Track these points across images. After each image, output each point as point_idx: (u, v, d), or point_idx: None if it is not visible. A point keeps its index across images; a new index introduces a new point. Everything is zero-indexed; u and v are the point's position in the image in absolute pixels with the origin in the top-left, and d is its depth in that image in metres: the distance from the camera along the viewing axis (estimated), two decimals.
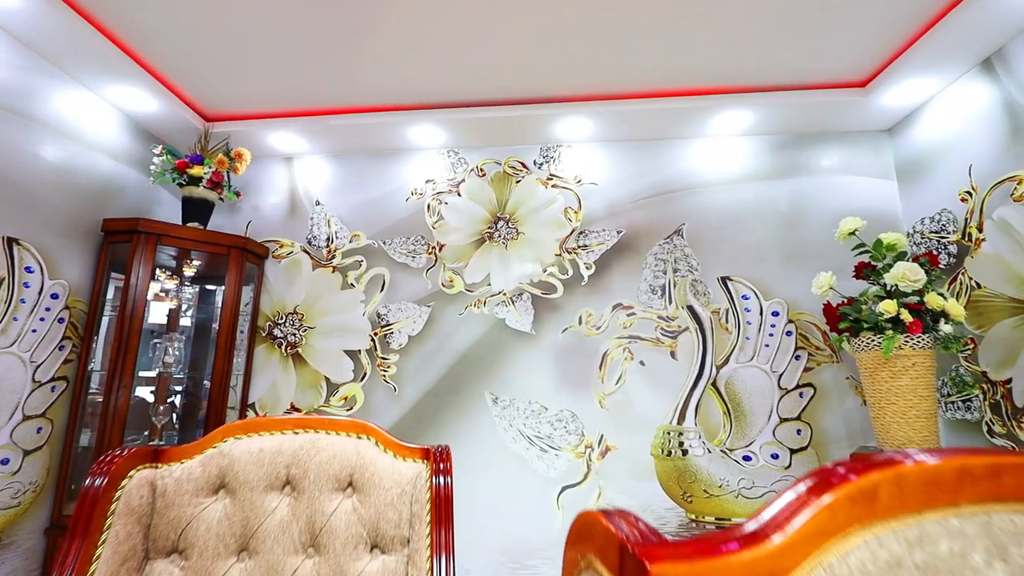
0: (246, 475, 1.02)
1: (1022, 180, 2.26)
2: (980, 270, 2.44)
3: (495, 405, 2.83)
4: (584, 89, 2.79)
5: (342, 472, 1.05)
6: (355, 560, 1.00)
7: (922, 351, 2.13)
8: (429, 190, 3.16)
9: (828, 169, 2.98)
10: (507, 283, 2.97)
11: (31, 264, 2.37)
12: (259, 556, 0.99)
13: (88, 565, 0.86)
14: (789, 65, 2.59)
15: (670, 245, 2.93)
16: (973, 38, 2.31)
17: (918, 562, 0.46)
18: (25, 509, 2.35)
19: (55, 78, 2.52)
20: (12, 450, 2.29)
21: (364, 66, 2.61)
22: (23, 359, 2.34)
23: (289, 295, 3.09)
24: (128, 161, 2.93)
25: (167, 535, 0.98)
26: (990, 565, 0.48)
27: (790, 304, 2.80)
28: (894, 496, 0.45)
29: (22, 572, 2.34)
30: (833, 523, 0.44)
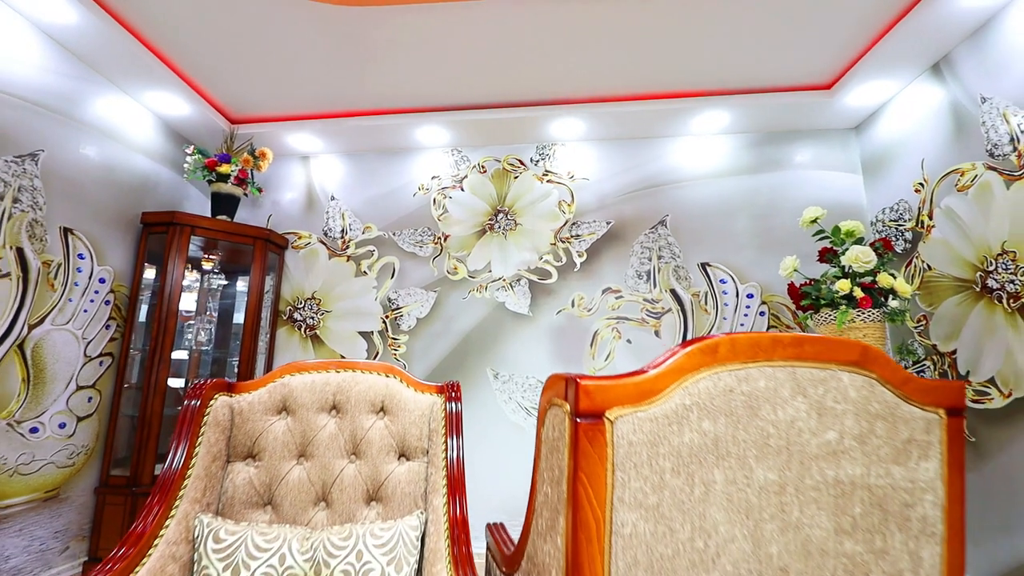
0: (302, 400, 1.34)
1: (964, 172, 2.57)
2: (931, 254, 2.75)
3: (496, 380, 3.15)
4: (576, 92, 3.10)
5: (375, 399, 1.37)
6: (387, 464, 1.32)
7: (872, 323, 2.43)
8: (435, 185, 3.48)
9: (800, 164, 3.29)
10: (506, 270, 3.29)
11: (83, 251, 2.70)
12: (314, 459, 1.30)
13: (190, 459, 1.17)
14: (761, 70, 2.90)
15: (655, 234, 3.25)
16: (922, 44, 2.62)
17: (744, 391, 0.77)
18: (78, 469, 2.68)
19: (101, 85, 2.85)
20: (68, 416, 2.61)
21: (375, 73, 2.93)
22: (76, 335, 2.67)
23: (307, 282, 3.41)
24: (162, 160, 3.26)
25: (244, 443, 1.29)
26: (794, 398, 0.79)
27: (763, 287, 3.11)
28: (729, 351, 0.77)
29: (75, 525, 2.67)
30: (690, 364, 0.76)
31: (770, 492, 0.77)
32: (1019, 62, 2.28)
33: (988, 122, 2.44)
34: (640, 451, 0.74)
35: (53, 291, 2.55)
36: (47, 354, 2.52)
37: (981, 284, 2.45)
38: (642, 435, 0.74)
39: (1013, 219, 2.30)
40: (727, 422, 0.76)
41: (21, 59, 2.43)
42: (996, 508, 2.35)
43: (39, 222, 2.49)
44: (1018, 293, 2.27)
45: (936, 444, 0.84)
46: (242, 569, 1.08)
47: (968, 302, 2.52)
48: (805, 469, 0.79)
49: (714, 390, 0.76)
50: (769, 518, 0.77)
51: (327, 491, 1.29)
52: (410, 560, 1.14)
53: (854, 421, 0.81)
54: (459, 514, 1.15)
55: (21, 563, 2.39)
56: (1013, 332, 2.29)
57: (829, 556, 0.79)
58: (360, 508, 1.29)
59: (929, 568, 0.83)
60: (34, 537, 2.46)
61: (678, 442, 0.75)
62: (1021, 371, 2.25)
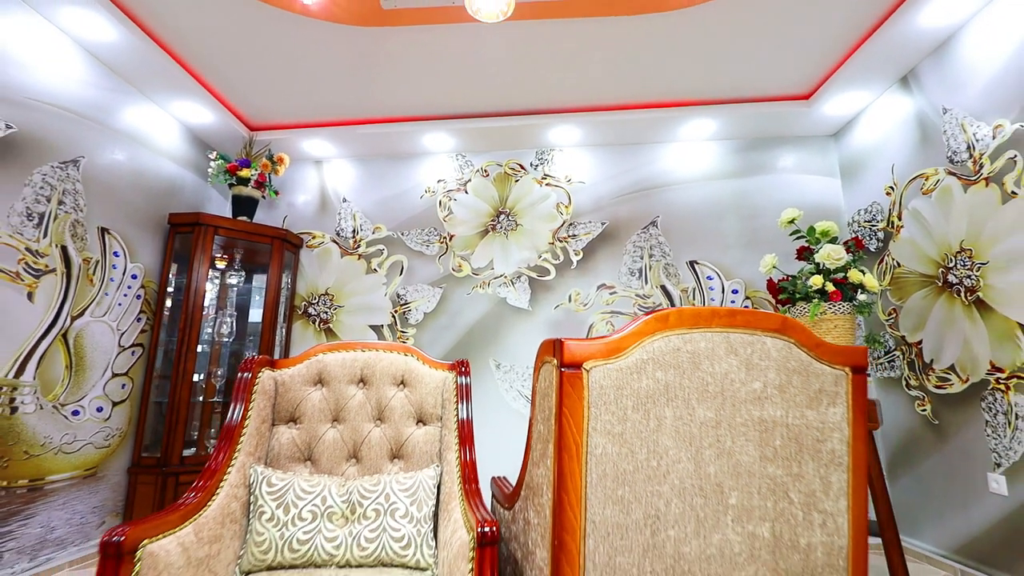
0: (335, 374, 1.59)
1: (928, 177, 2.83)
2: (900, 252, 3.01)
3: (498, 370, 3.41)
4: (573, 102, 3.36)
5: (397, 374, 1.62)
6: (407, 427, 1.57)
7: (842, 315, 2.69)
8: (440, 188, 3.75)
9: (783, 169, 3.55)
10: (508, 267, 3.55)
11: (118, 250, 2.97)
12: (346, 423, 1.56)
13: (245, 419, 1.43)
14: (745, 81, 3.17)
15: (646, 234, 3.51)
16: (890, 59, 2.88)
17: (688, 350, 1.03)
18: (113, 450, 2.94)
19: (132, 96, 3.12)
20: (104, 400, 2.88)
21: (385, 84, 3.20)
22: (112, 327, 2.93)
23: (321, 279, 3.67)
24: (186, 164, 3.53)
25: (287, 409, 1.55)
26: (727, 356, 1.05)
27: (747, 283, 3.37)
28: (677, 319, 1.03)
29: (111, 502, 2.93)
30: (647, 329, 1.02)
31: (708, 426, 1.03)
32: (975, 77, 2.54)
33: (949, 131, 2.70)
34: (609, 393, 0.99)
35: (92, 286, 2.81)
36: (87, 343, 2.78)
37: (943, 279, 2.71)
38: (610, 381, 1.00)
39: (970, 220, 2.56)
40: (675, 372, 1.02)
41: (65, 74, 2.70)
42: (956, 485, 2.60)
43: (80, 222, 2.75)
44: (974, 287, 2.52)
45: (843, 394, 1.10)
46: (291, 507, 1.33)
47: (932, 296, 2.77)
48: (736, 410, 1.04)
49: (665, 348, 1.02)
50: (707, 446, 1.02)
51: (357, 449, 1.55)
52: (428, 502, 1.39)
53: (775, 374, 1.07)
54: (469, 459, 1.40)
55: (64, 534, 2.65)
56: (970, 323, 2.54)
57: (755, 477, 1.04)
58: (385, 463, 1.54)
59: (836, 490, 1.08)
60: (75, 511, 2.72)
61: (637, 386, 1.00)
62: (977, 358, 2.50)
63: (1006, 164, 2.37)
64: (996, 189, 2.42)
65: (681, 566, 0.99)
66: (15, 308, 2.41)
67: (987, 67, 2.48)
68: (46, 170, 2.58)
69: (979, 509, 2.47)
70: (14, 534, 2.41)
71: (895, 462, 3.05)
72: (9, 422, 2.39)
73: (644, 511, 0.98)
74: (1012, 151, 2.35)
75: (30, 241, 2.49)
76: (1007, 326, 2.35)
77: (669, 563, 0.98)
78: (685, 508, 1.00)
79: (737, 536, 1.02)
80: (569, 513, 0.96)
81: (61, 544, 2.63)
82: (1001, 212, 2.39)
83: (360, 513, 1.36)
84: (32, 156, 2.52)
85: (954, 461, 2.63)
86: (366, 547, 1.32)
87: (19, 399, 2.44)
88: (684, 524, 1.00)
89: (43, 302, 2.55)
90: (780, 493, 1.04)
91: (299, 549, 1.30)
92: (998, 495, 2.37)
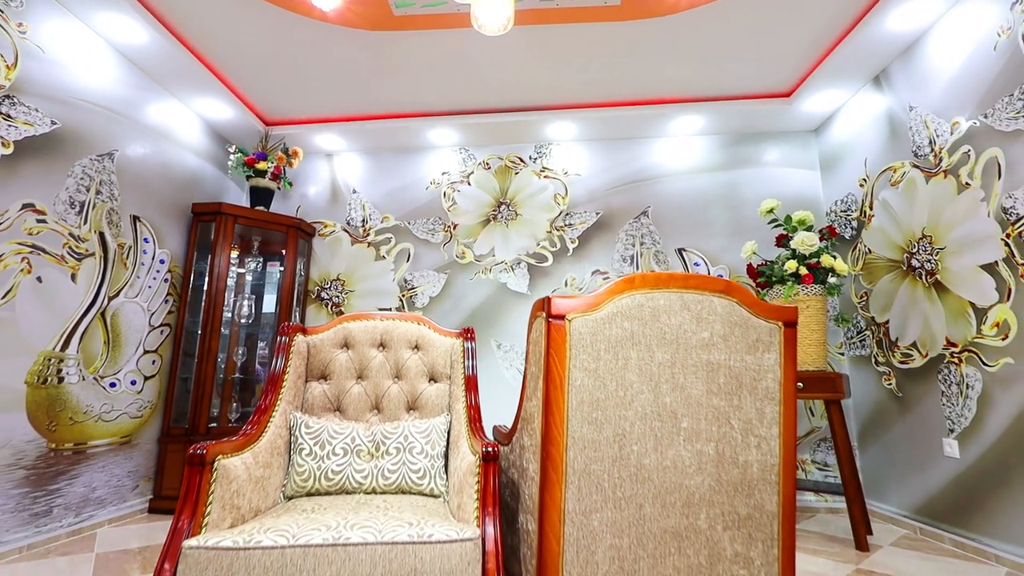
0: (359, 338, 1.87)
1: (896, 169, 3.10)
2: (871, 239, 3.29)
3: (499, 350, 3.70)
4: (569, 99, 3.63)
5: (411, 339, 1.90)
6: (421, 384, 1.86)
7: (814, 297, 2.97)
8: (445, 180, 4.02)
9: (766, 162, 3.82)
10: (508, 254, 3.84)
11: (147, 236, 3.26)
12: (369, 380, 1.84)
13: (285, 373, 1.71)
14: (730, 80, 3.43)
15: (638, 223, 3.79)
16: (863, 60, 3.15)
17: (650, 306, 1.31)
18: (145, 421, 3.23)
19: (158, 93, 3.40)
20: (137, 375, 3.17)
21: (393, 83, 3.47)
22: (143, 307, 3.22)
23: (333, 265, 3.96)
24: (206, 157, 3.81)
25: (318, 367, 1.83)
26: (681, 311, 1.33)
27: (731, 269, 3.65)
28: (641, 282, 1.31)
29: (143, 468, 3.23)
30: (617, 289, 1.30)
31: (665, 366, 1.31)
32: (938, 77, 2.81)
33: (914, 127, 2.97)
34: (586, 338, 1.28)
35: (126, 269, 3.10)
36: (122, 322, 3.07)
37: (907, 264, 2.99)
38: (588, 329, 1.28)
39: (931, 209, 2.84)
40: (639, 323, 1.30)
41: (100, 74, 2.98)
42: (916, 451, 2.90)
43: (115, 211, 3.04)
44: (933, 270, 2.80)
45: (776, 343, 1.38)
46: (326, 445, 1.62)
47: (898, 279, 3.06)
48: (687, 354, 1.32)
49: (631, 304, 1.30)
50: (664, 381, 1.31)
51: (379, 401, 1.83)
52: (440, 443, 1.67)
53: (720, 326, 1.35)
54: (474, 403, 1.68)
55: (104, 494, 2.95)
56: (929, 303, 2.83)
57: (703, 407, 1.33)
58: (403, 413, 1.82)
59: (769, 419, 1.37)
60: (113, 474, 3.02)
61: (609, 334, 1.29)
62: (935, 335, 2.79)
63: (961, 158, 2.65)
64: (952, 180, 2.70)
65: (642, 474, 1.27)
66: (61, 288, 2.70)
67: (948, 68, 2.75)
68: (85, 162, 2.87)
69: (935, 472, 2.76)
70: (62, 492, 2.71)
71: (864, 433, 3.34)
72: (57, 390, 2.69)
73: (613, 430, 1.26)
74: (967, 146, 2.62)
75: (73, 227, 2.78)
76: (960, 305, 2.63)
77: (632, 471, 1.27)
78: (646, 429, 1.28)
79: (688, 452, 1.30)
80: (555, 431, 1.24)
81: (101, 503, 2.93)
82: (956, 201, 2.67)
83: (383, 450, 1.65)
84: (73, 150, 2.80)
85: (915, 429, 2.92)
86: (389, 477, 1.60)
87: (65, 370, 2.74)
88: (645, 441, 1.28)
89: (84, 283, 2.83)
90: (723, 420, 1.33)
91: (333, 478, 1.59)
92: (952, 458, 2.66)
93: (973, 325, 2.55)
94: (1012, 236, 2.36)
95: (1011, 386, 2.35)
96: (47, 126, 2.66)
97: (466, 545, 1.16)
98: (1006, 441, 2.37)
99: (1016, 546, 2.30)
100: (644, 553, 1.26)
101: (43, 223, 2.62)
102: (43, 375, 2.62)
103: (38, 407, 2.59)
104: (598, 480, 1.25)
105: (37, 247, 2.58)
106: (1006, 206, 2.39)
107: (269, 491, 1.49)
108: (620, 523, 1.25)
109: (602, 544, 1.24)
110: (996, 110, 2.45)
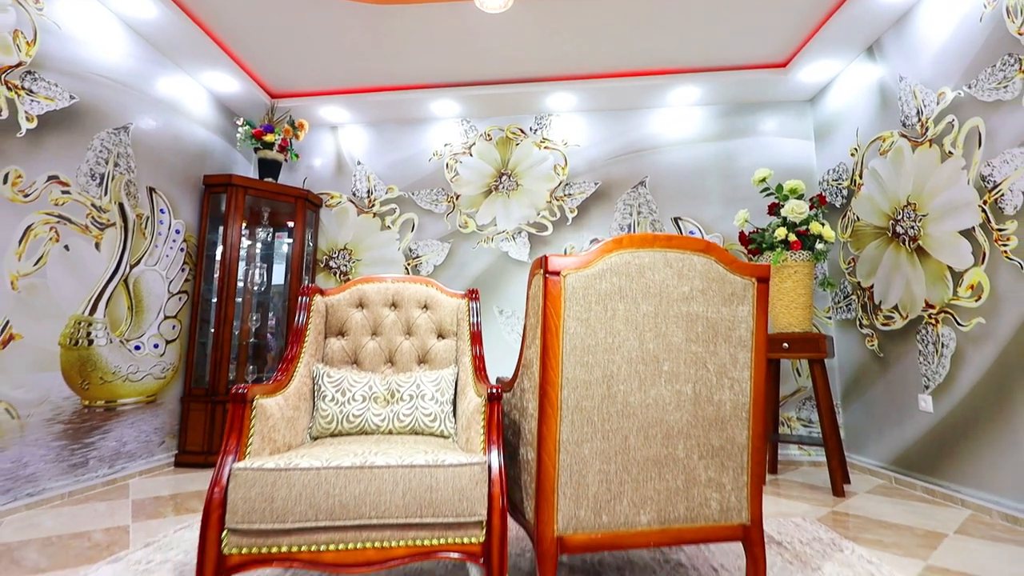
0: (373, 299, 2.05)
1: (885, 139, 3.22)
2: (860, 207, 3.43)
3: (501, 316, 3.89)
4: (569, 70, 3.73)
5: (421, 299, 2.08)
6: (430, 340, 2.04)
7: (801, 263, 3.14)
8: (447, 151, 4.15)
9: (762, 132, 3.93)
10: (509, 224, 3.99)
11: (163, 207, 3.41)
12: (382, 336, 2.03)
13: (306, 328, 1.90)
14: (727, 50, 3.52)
15: (636, 193, 3.92)
16: (856, 30, 3.23)
17: (636, 263, 1.48)
18: (168, 382, 3.45)
19: (168, 67, 3.51)
20: (159, 339, 3.37)
21: (396, 55, 3.56)
22: (162, 275, 3.40)
23: (340, 235, 4.12)
24: (215, 130, 3.94)
25: (336, 325, 2.02)
26: (664, 268, 1.51)
27: (725, 237, 3.80)
28: (628, 242, 1.48)
29: (168, 425, 3.47)
30: (607, 249, 1.47)
31: (649, 317, 1.49)
32: (927, 48, 2.91)
33: (903, 97, 3.08)
34: (579, 292, 1.45)
35: (144, 239, 3.27)
36: (143, 288, 3.26)
37: (892, 231, 3.14)
38: (580, 283, 1.45)
39: (916, 177, 2.97)
40: (626, 279, 1.47)
41: (112, 48, 3.09)
42: (894, 407, 3.10)
43: (132, 182, 3.19)
44: (916, 236, 2.96)
45: (749, 297, 1.56)
46: (346, 391, 1.81)
47: (883, 246, 3.21)
48: (669, 306, 1.50)
49: (619, 262, 1.47)
50: (648, 330, 1.49)
51: (392, 355, 2.02)
52: (448, 391, 1.87)
53: (699, 281, 1.52)
54: (479, 354, 1.87)
55: (134, 448, 3.19)
56: (911, 268, 2.99)
57: (682, 352, 1.51)
58: (414, 366, 2.01)
59: (742, 364, 1.55)
60: (141, 430, 3.25)
61: (599, 288, 1.46)
62: (915, 298, 2.96)
63: (945, 127, 2.77)
64: (937, 149, 2.83)
65: (627, 410, 1.46)
66: (86, 256, 2.88)
67: (937, 39, 2.84)
68: (103, 135, 3.01)
69: (911, 425, 2.97)
70: (96, 445, 2.94)
71: (848, 392, 3.55)
72: (88, 352, 2.89)
73: (602, 372, 1.45)
74: (951, 115, 2.74)
75: (94, 198, 2.94)
76: (939, 268, 2.79)
77: (619, 407, 1.46)
78: (631, 371, 1.47)
79: (668, 392, 1.49)
80: (551, 373, 1.43)
81: (132, 457, 3.17)
82: (940, 170, 2.80)
83: (398, 397, 1.84)
84: (91, 123, 2.94)
85: (893, 387, 3.12)
86: (403, 420, 1.80)
87: (94, 333, 2.94)
88: (630, 382, 1.47)
89: (107, 251, 3.01)
90: (700, 364, 1.51)
91: (354, 421, 1.79)
92: (926, 412, 2.87)
93: (950, 288, 2.72)
94: (989, 203, 2.50)
95: (982, 344, 2.53)
96: (66, 100, 2.79)
97: (474, 468, 1.36)
98: (975, 395, 2.57)
99: (979, 490, 2.52)
100: (628, 477, 1.46)
101: (67, 194, 2.78)
102: (74, 337, 2.82)
103: (71, 367, 2.80)
104: (589, 415, 1.44)
105: (63, 217, 2.75)
106: (984, 174, 2.53)
107: (298, 431, 1.69)
108: (608, 452, 1.45)
109: (592, 469, 1.44)
110: (979, 80, 2.57)
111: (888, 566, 1.88)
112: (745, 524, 1.52)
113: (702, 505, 1.50)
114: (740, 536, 1.51)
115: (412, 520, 1.31)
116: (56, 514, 2.50)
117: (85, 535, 2.24)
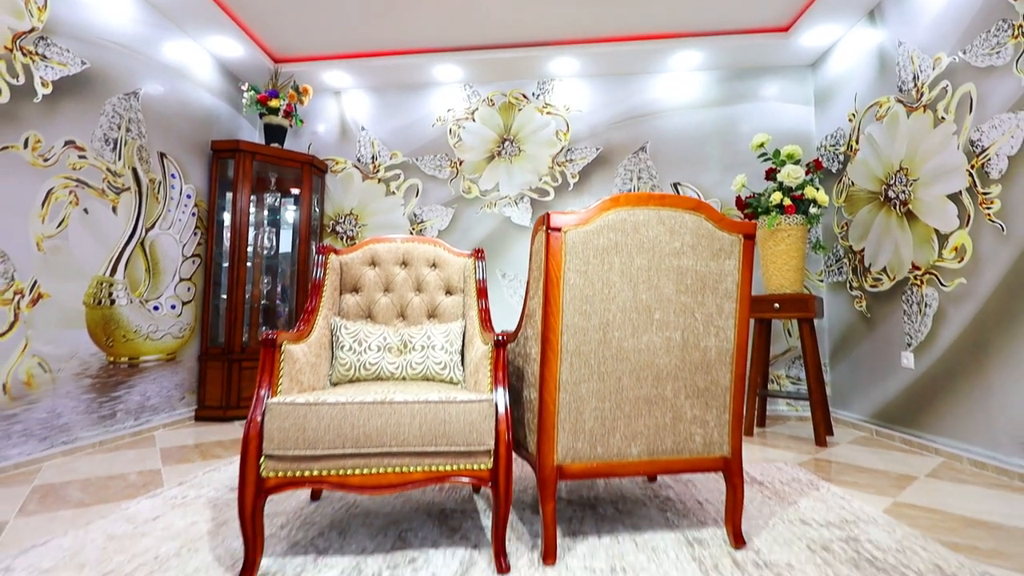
0: (384, 257, 2.19)
1: (882, 104, 3.30)
2: (855, 172, 3.53)
3: (503, 279, 4.04)
4: (571, 34, 3.77)
5: (429, 258, 2.22)
6: (439, 296, 2.20)
7: (795, 226, 3.26)
8: (450, 117, 4.22)
9: (764, 97, 3.99)
10: (512, 189, 4.09)
11: (174, 172, 3.52)
12: (394, 292, 2.18)
13: (323, 284, 2.05)
14: (729, 14, 3.55)
15: (636, 159, 4.01)
16: None
17: (632, 220, 1.62)
18: (185, 341, 3.63)
19: (173, 32, 3.56)
20: (176, 300, 3.53)
21: (398, 18, 3.60)
22: (176, 239, 3.54)
23: (346, 200, 4.23)
24: (221, 96, 4.00)
25: (350, 282, 2.17)
26: (658, 224, 1.64)
27: (723, 202, 3.91)
28: (624, 201, 1.61)
29: (187, 382, 3.66)
30: (605, 206, 1.60)
31: (643, 270, 1.63)
32: (925, 13, 2.96)
33: (901, 63, 3.14)
34: (578, 247, 1.59)
35: (158, 203, 3.39)
36: (159, 251, 3.40)
37: (884, 195, 3.25)
38: (579, 239, 1.59)
39: (909, 142, 3.07)
40: (622, 235, 1.61)
41: (118, 12, 3.14)
42: (878, 364, 3.27)
43: (144, 148, 3.29)
44: (906, 200, 3.07)
45: (736, 252, 1.70)
46: (363, 342, 1.97)
47: (875, 210, 3.33)
48: (661, 260, 1.64)
49: (616, 219, 1.60)
50: (642, 282, 1.63)
51: (404, 310, 2.18)
52: (456, 342, 2.03)
53: (690, 237, 1.66)
54: (485, 307, 2.03)
55: (156, 403, 3.39)
56: (900, 231, 3.11)
57: (672, 303, 1.66)
58: (424, 320, 2.17)
59: (727, 314, 1.70)
60: (163, 386, 3.44)
61: (596, 243, 1.60)
62: (903, 260, 3.09)
63: (939, 93, 2.85)
64: (930, 115, 2.91)
65: (621, 354, 1.62)
66: (104, 219, 3.01)
67: (935, 3, 2.89)
68: (114, 100, 3.09)
69: (893, 381, 3.15)
70: (122, 399, 3.13)
71: (836, 351, 3.72)
72: (110, 311, 3.05)
73: (599, 320, 1.60)
74: (945, 81, 2.82)
75: (109, 163, 3.05)
76: (926, 231, 2.92)
77: (614, 352, 1.62)
78: (625, 319, 1.62)
79: (659, 338, 1.65)
80: (552, 320, 1.58)
81: (155, 410, 3.37)
82: (932, 135, 2.90)
83: (410, 347, 2.01)
84: (103, 88, 3.02)
85: (878, 345, 3.28)
86: (416, 367, 1.97)
87: (115, 293, 3.09)
88: (624, 329, 1.62)
89: (124, 215, 3.14)
90: (688, 313, 1.66)
91: (371, 368, 1.95)
92: (908, 369, 3.04)
93: (936, 250, 2.85)
94: (976, 167, 2.61)
95: (962, 303, 2.68)
96: (78, 66, 2.87)
97: (483, 404, 1.52)
98: (953, 351, 2.73)
99: (953, 439, 2.71)
100: (621, 414, 1.63)
101: (84, 159, 2.89)
102: (97, 297, 2.97)
103: (96, 325, 2.96)
104: (586, 358, 1.60)
105: (81, 181, 2.87)
106: (973, 139, 2.63)
107: (320, 376, 1.86)
108: (603, 391, 1.61)
109: (588, 407, 1.61)
110: (974, 46, 2.64)
111: (859, 501, 2.08)
112: (726, 456, 1.70)
113: (687, 439, 1.67)
114: (721, 467, 1.69)
115: (428, 448, 1.48)
116: (90, 460, 2.70)
117: (121, 476, 2.44)
